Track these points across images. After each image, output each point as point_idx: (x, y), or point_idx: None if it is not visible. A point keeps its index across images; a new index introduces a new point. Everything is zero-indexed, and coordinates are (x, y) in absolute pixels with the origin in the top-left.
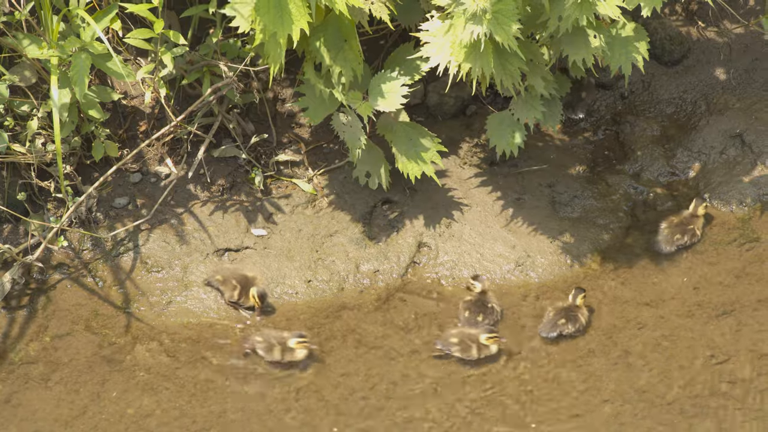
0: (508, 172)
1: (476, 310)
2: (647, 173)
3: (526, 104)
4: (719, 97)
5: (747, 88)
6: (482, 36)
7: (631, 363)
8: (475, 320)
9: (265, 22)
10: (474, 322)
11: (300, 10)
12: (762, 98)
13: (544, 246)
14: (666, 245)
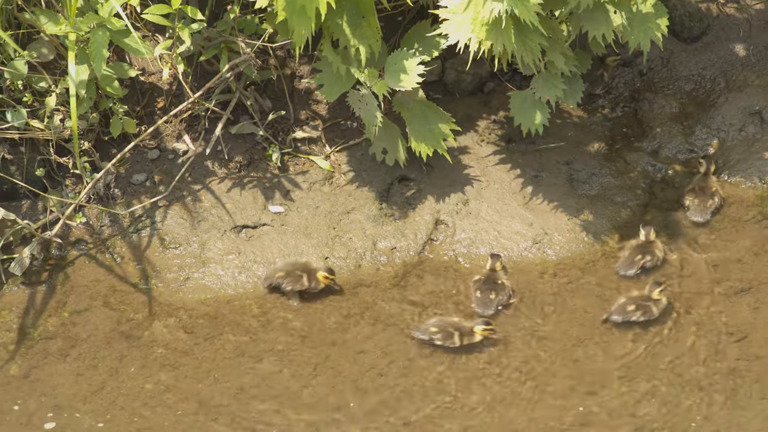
0: (526, 150)
1: (487, 288)
2: (665, 150)
3: (547, 82)
4: (738, 74)
5: (766, 65)
6: (503, 12)
7: (648, 341)
8: (488, 299)
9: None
10: (487, 301)
11: None
12: None
13: (561, 224)
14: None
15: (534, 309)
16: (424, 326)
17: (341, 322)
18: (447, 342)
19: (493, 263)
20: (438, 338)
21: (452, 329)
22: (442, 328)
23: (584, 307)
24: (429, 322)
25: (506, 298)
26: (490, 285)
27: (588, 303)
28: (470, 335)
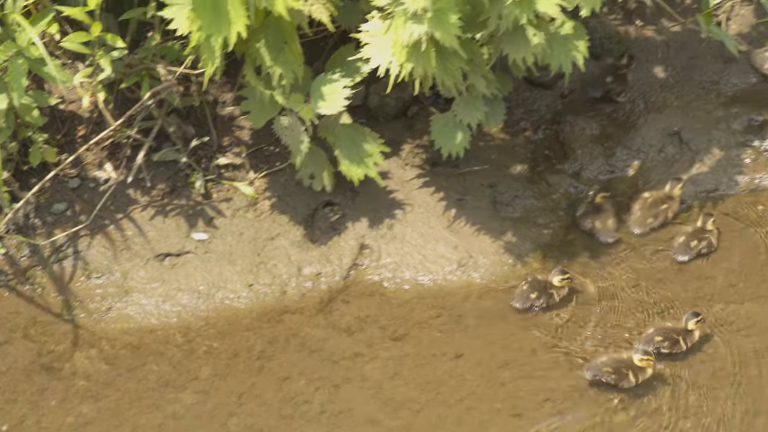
0: (450, 173)
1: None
2: (587, 172)
3: (468, 105)
4: (657, 96)
5: (684, 86)
6: (423, 35)
7: (572, 362)
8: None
9: (201, 24)
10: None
11: (238, 12)
12: (699, 96)
13: (485, 246)
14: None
15: (458, 333)
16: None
17: (266, 349)
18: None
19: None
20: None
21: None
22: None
23: (509, 329)
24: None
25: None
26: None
27: (513, 325)
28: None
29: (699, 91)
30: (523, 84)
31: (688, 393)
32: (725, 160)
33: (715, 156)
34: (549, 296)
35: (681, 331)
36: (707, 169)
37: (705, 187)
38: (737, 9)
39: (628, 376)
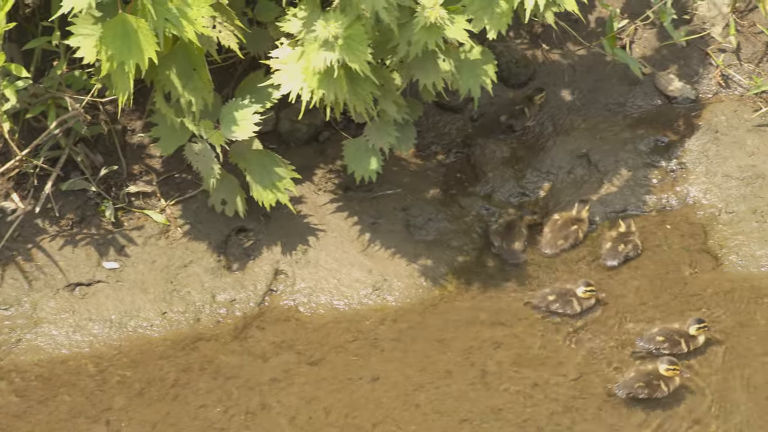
0: (363, 197)
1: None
2: (498, 194)
3: (380, 130)
4: (565, 118)
5: (591, 108)
6: (335, 62)
7: (487, 383)
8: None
9: (112, 52)
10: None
11: (148, 39)
12: (606, 118)
13: (400, 269)
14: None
15: (374, 357)
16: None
17: (180, 377)
18: None
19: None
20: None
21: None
22: None
23: (425, 351)
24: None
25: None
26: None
27: (429, 347)
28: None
29: (605, 113)
30: (433, 108)
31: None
32: (633, 181)
33: (623, 177)
34: (569, 304)
35: (684, 333)
36: (616, 189)
37: (614, 208)
38: (640, 32)
39: (660, 386)
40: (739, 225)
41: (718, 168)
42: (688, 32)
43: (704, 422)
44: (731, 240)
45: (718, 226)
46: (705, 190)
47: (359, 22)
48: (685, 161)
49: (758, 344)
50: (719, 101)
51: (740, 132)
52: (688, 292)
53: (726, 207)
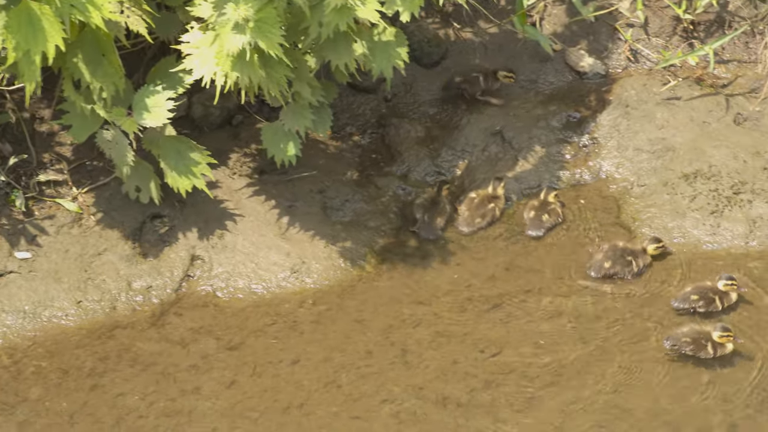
0: (279, 180)
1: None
2: (414, 174)
3: (295, 113)
4: None
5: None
6: (247, 45)
7: (407, 361)
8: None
9: (17, 40)
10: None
11: (54, 27)
12: (518, 95)
13: (318, 251)
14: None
15: (294, 339)
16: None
17: (97, 366)
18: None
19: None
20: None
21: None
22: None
23: (345, 332)
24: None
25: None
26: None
27: (349, 328)
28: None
29: (518, 90)
30: (347, 90)
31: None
32: (547, 157)
33: (537, 153)
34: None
35: (717, 291)
36: (530, 166)
37: (528, 184)
38: (550, 9)
39: (706, 348)
40: (651, 198)
41: (630, 142)
42: (597, 8)
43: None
44: (644, 213)
45: (630, 199)
46: (617, 164)
47: (270, 5)
48: (597, 136)
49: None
50: (629, 76)
51: (650, 106)
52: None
53: (638, 180)
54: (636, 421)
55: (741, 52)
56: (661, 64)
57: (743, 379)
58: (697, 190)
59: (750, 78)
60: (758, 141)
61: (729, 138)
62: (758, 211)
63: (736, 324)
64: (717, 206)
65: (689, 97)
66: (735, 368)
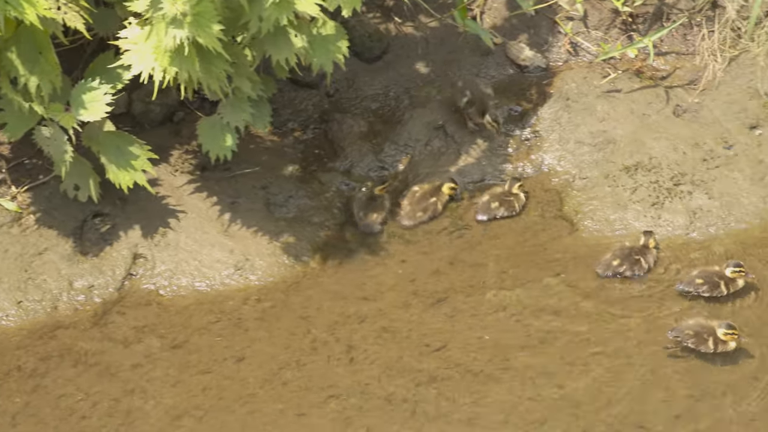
0: (221, 177)
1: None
2: (358, 169)
3: (235, 107)
4: (420, 90)
5: (446, 80)
6: (185, 39)
7: (353, 358)
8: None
9: None
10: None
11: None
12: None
13: (262, 248)
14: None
15: (239, 336)
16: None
17: (39, 366)
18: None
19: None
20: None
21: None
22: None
23: (289, 329)
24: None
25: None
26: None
27: (293, 325)
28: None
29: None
30: (288, 85)
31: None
32: (489, 151)
33: (480, 147)
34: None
35: (723, 275)
36: (473, 160)
37: (472, 178)
38: (490, 2)
39: (707, 342)
40: (592, 190)
41: (571, 135)
42: (537, 1)
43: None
44: (586, 205)
45: (572, 192)
46: (559, 157)
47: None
48: (538, 129)
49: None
50: (569, 69)
51: (590, 98)
52: (547, 258)
53: (579, 173)
54: (583, 413)
55: (679, 45)
56: (601, 56)
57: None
58: (638, 182)
59: (688, 70)
60: (697, 132)
61: (669, 130)
62: (698, 202)
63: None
64: (658, 198)
65: (629, 89)
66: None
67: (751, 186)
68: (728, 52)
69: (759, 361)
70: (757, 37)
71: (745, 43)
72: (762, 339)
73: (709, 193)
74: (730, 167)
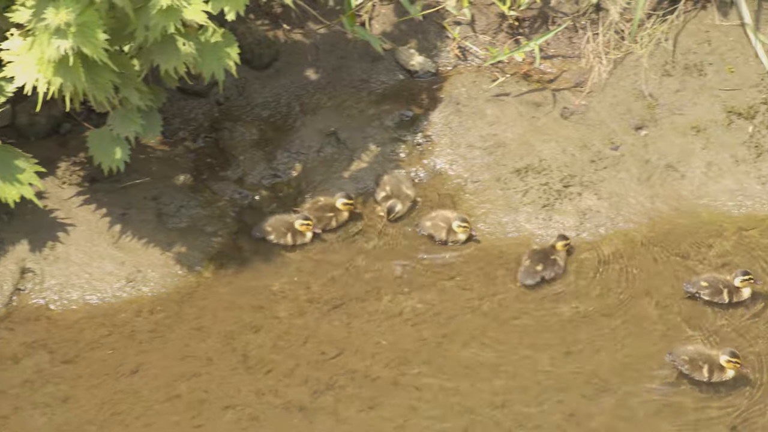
0: (111, 188)
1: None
2: (250, 177)
3: (124, 118)
4: (311, 97)
5: (336, 87)
6: (69, 50)
7: (249, 367)
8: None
9: None
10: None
11: None
12: (351, 95)
13: (154, 259)
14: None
15: (132, 349)
16: None
17: None
18: None
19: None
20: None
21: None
22: None
23: (184, 340)
24: None
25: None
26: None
27: (188, 336)
28: None
29: (351, 90)
30: (178, 94)
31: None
32: (382, 156)
33: (372, 153)
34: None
35: (729, 284)
36: (366, 165)
37: (365, 184)
38: (378, 8)
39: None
40: (484, 193)
41: (462, 139)
42: (424, 6)
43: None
44: (478, 209)
45: (465, 195)
46: (451, 161)
47: (92, 8)
48: (430, 134)
49: (506, 310)
50: (459, 73)
51: (480, 102)
52: (441, 263)
53: (471, 176)
54: (476, 417)
55: (565, 48)
56: (489, 60)
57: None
58: (529, 184)
59: (575, 72)
60: (585, 134)
61: (557, 132)
62: (587, 203)
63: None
64: (548, 200)
65: (518, 92)
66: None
67: (638, 186)
68: (613, 54)
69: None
70: (640, 39)
71: (629, 45)
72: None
73: (598, 193)
74: (618, 168)
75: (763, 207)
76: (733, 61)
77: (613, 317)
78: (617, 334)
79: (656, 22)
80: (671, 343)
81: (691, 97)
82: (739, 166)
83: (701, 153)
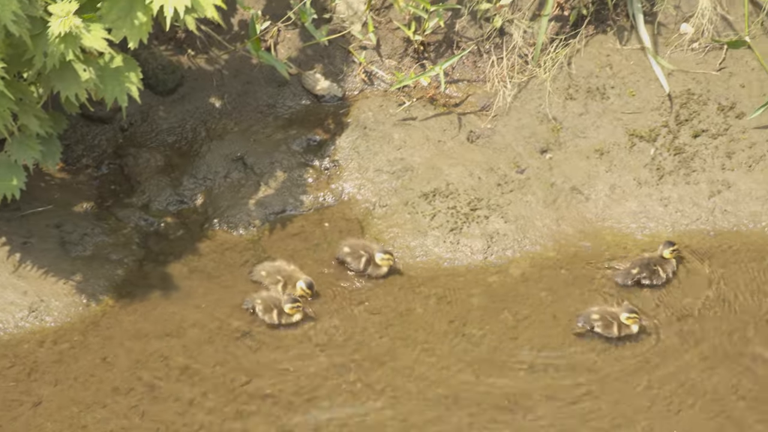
0: (11, 217)
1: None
2: (156, 204)
3: (22, 144)
4: (217, 123)
5: (242, 112)
6: None
7: (156, 396)
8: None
9: None
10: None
11: None
12: (257, 120)
13: (57, 288)
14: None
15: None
16: None
17: None
18: None
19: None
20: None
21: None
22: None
23: (89, 370)
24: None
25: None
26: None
27: (93, 366)
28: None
29: (257, 115)
30: (80, 120)
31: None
32: (289, 181)
33: (279, 178)
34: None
35: (658, 260)
36: (273, 191)
37: (273, 209)
38: (284, 33)
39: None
40: (392, 218)
41: (370, 163)
42: (330, 31)
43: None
44: (386, 233)
45: (373, 220)
46: (359, 185)
47: None
48: (337, 158)
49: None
50: (365, 98)
51: (387, 126)
52: (354, 287)
53: (379, 201)
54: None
55: (470, 72)
56: (395, 85)
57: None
58: (437, 208)
59: (480, 96)
60: (491, 157)
61: (464, 156)
62: (494, 227)
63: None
64: (456, 223)
65: (424, 116)
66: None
67: (544, 209)
68: (517, 78)
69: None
70: (543, 63)
71: (533, 69)
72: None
73: (505, 216)
74: (524, 191)
75: (665, 228)
76: (634, 85)
77: (518, 339)
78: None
79: (559, 46)
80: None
81: (594, 121)
82: (642, 189)
83: (605, 176)
